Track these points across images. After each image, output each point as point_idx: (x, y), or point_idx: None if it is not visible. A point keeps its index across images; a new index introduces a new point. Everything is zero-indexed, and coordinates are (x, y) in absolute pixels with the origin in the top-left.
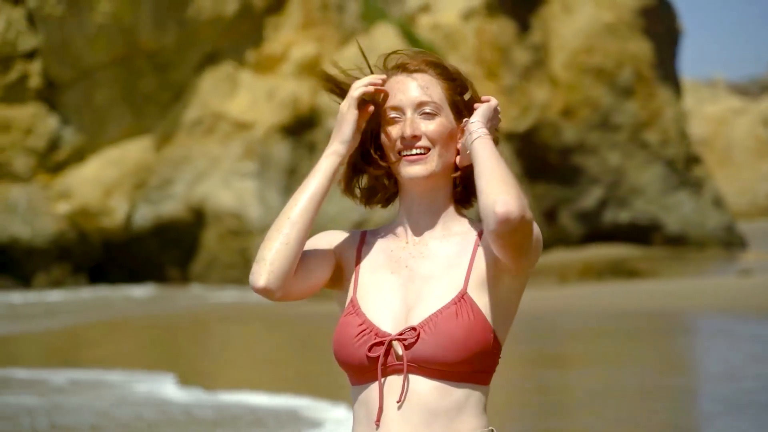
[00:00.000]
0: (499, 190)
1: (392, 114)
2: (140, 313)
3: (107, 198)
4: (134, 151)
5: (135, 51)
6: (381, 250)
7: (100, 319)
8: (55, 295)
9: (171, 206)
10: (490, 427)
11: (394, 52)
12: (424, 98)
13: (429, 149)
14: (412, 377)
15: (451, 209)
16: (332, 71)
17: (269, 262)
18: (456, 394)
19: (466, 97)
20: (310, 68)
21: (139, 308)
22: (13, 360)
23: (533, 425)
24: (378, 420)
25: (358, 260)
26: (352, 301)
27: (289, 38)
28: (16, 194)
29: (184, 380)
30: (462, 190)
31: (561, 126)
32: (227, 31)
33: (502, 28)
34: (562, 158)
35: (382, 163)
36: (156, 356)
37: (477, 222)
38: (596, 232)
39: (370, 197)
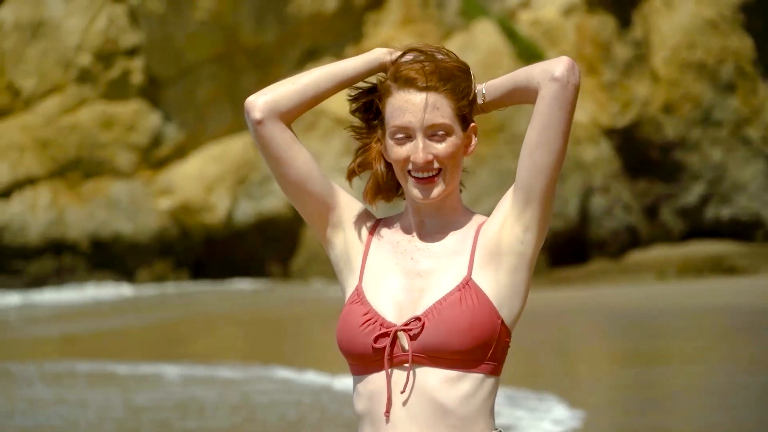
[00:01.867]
0: (551, 60)
1: (399, 135)
2: (243, 308)
3: (209, 194)
4: (235, 147)
5: (236, 48)
6: (388, 241)
7: (204, 313)
8: (156, 290)
9: (272, 202)
10: (499, 430)
11: (408, 51)
12: (436, 121)
13: (440, 170)
14: (420, 368)
15: (458, 203)
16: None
17: (272, 87)
18: (464, 384)
19: (471, 96)
20: None
21: (243, 303)
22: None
23: (629, 420)
24: (387, 412)
25: (368, 248)
26: (357, 289)
27: (389, 34)
28: (118, 190)
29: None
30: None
31: (662, 122)
32: (327, 28)
33: (603, 23)
34: (663, 154)
35: (386, 157)
36: (264, 350)
37: (479, 214)
38: (697, 228)
39: (374, 194)
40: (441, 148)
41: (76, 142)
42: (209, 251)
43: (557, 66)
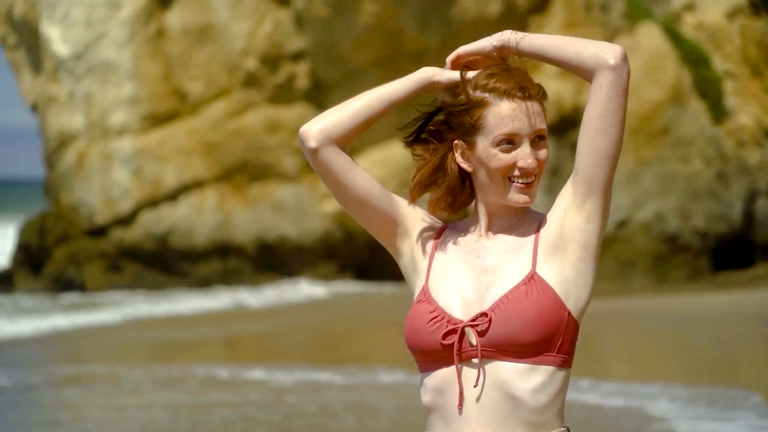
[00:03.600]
0: (599, 43)
1: (505, 143)
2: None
3: None
4: (399, 151)
5: (399, 51)
6: (455, 242)
7: (367, 316)
8: (322, 292)
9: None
10: (565, 425)
11: (495, 70)
12: (543, 126)
13: (537, 175)
14: (490, 362)
15: (529, 209)
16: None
17: (325, 114)
18: (536, 376)
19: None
20: None
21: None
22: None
23: None
24: (460, 405)
25: (434, 250)
26: (423, 289)
27: None
28: (284, 194)
29: None
30: None
31: None
32: (490, 32)
33: None
34: None
35: (468, 168)
36: None
37: (541, 213)
38: None
39: (444, 205)
40: (542, 153)
41: (242, 145)
42: (373, 254)
43: (610, 54)
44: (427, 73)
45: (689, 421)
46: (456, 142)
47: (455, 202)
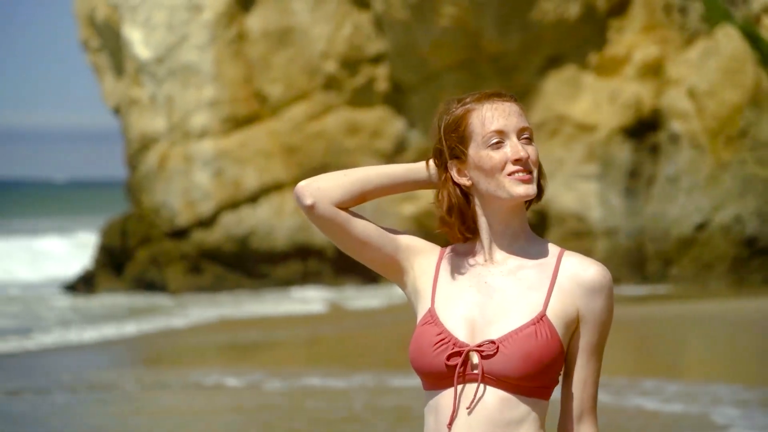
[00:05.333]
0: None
1: (495, 139)
2: None
3: None
4: None
5: (479, 54)
6: (460, 265)
7: None
8: (402, 293)
9: None
10: None
11: (469, 94)
12: (526, 124)
13: (532, 172)
14: (486, 388)
15: (528, 229)
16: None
17: (322, 176)
18: (520, 407)
19: None
20: (653, 70)
21: None
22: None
23: None
24: (450, 423)
25: (437, 273)
26: (430, 311)
27: (632, 40)
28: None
29: None
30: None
31: None
32: (570, 35)
33: None
34: None
35: (466, 183)
36: None
37: (554, 245)
38: None
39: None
40: (531, 149)
41: (322, 148)
42: None
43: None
44: (423, 164)
45: (755, 431)
46: (449, 163)
47: (465, 221)
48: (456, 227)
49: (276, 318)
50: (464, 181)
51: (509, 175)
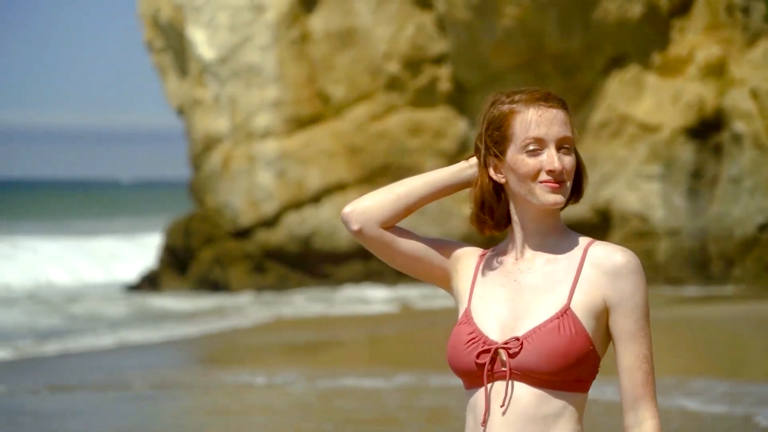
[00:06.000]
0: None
1: (533, 146)
2: None
3: None
4: None
5: (541, 55)
6: (494, 265)
7: None
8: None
9: (577, 208)
10: None
11: (518, 91)
12: (568, 134)
13: (565, 182)
14: (516, 384)
15: (560, 225)
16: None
17: (366, 197)
18: (554, 401)
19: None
20: (716, 71)
21: None
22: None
23: None
24: (484, 422)
25: (475, 275)
26: (466, 311)
27: (695, 41)
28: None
29: None
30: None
31: None
32: (633, 34)
33: None
34: None
35: (500, 180)
36: None
37: (584, 237)
38: None
39: (488, 220)
40: (568, 161)
41: (385, 148)
42: None
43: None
44: (466, 163)
45: None
46: (487, 159)
47: (495, 217)
48: (487, 222)
49: (338, 318)
50: (499, 178)
51: (541, 182)
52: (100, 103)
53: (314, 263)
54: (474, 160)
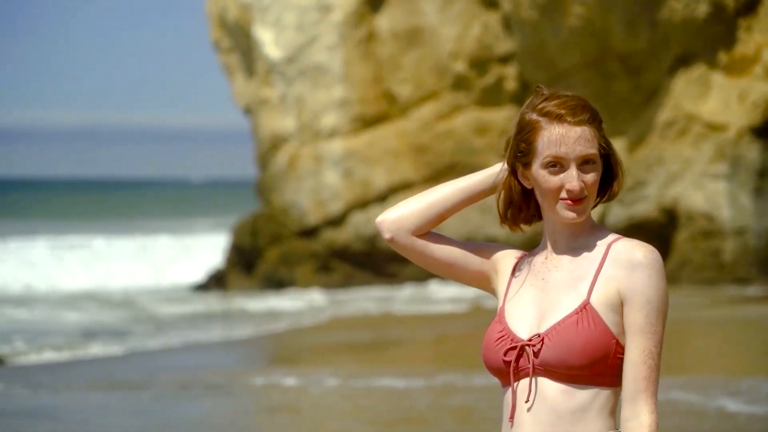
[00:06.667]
0: None
1: (553, 166)
2: None
3: None
4: None
5: (607, 54)
6: (527, 265)
7: None
8: None
9: (644, 207)
10: (618, 429)
11: (550, 97)
12: (589, 153)
13: (586, 197)
14: (541, 380)
15: (590, 223)
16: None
17: (399, 206)
18: (580, 396)
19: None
20: None
21: None
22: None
23: None
24: (511, 418)
25: (511, 275)
26: (499, 311)
27: (761, 40)
28: (491, 196)
29: None
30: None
31: None
32: (699, 34)
33: None
34: None
35: (528, 186)
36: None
37: (612, 234)
38: None
39: (514, 219)
40: (589, 177)
41: (451, 147)
42: None
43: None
44: (499, 166)
45: None
46: (517, 162)
47: (524, 216)
48: (514, 221)
49: (406, 317)
50: (527, 183)
51: (561, 199)
52: (166, 103)
53: (380, 262)
54: (500, 165)
